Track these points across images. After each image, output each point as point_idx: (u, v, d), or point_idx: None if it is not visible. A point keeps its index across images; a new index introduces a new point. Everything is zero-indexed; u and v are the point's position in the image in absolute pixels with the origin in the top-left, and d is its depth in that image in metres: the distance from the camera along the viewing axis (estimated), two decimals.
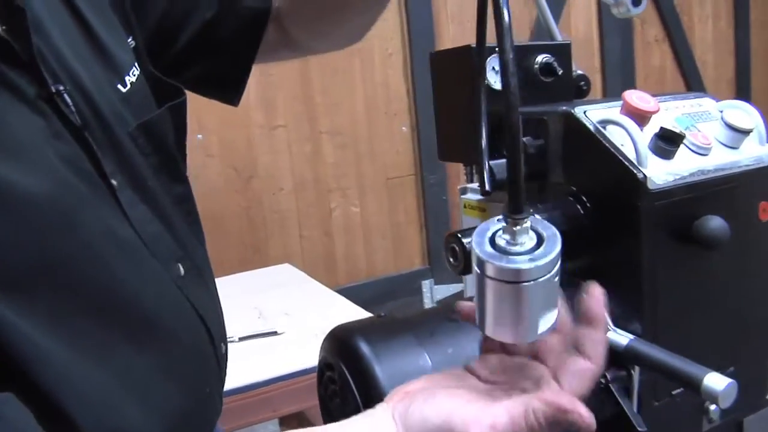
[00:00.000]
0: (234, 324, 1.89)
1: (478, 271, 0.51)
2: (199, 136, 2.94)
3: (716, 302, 0.77)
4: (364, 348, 0.68)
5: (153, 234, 0.75)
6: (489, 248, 0.51)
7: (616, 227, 0.73)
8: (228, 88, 0.99)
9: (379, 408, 0.57)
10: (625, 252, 0.72)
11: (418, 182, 3.29)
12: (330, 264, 3.25)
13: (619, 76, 3.61)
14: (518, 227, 0.51)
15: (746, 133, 0.78)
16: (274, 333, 1.81)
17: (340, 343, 0.71)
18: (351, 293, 2.82)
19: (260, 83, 2.99)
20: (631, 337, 0.70)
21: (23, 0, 0.64)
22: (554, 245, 0.51)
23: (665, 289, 0.72)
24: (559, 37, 1.00)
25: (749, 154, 0.78)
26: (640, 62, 3.82)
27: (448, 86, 0.92)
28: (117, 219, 0.71)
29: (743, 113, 0.80)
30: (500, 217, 0.52)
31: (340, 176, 3.20)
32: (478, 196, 0.97)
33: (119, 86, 0.77)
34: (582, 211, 0.75)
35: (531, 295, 0.50)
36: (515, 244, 0.50)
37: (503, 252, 0.50)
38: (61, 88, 0.67)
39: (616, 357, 0.71)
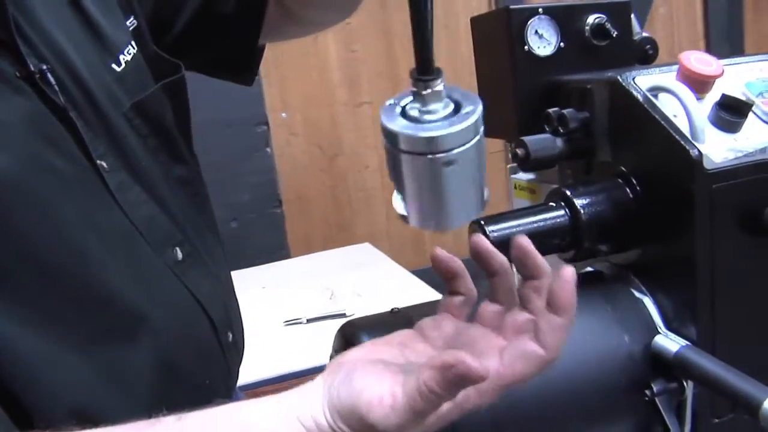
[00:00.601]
0: (304, 305, 1.85)
1: (391, 146, 0.44)
2: (284, 114, 2.91)
3: None
4: None
5: (145, 217, 0.71)
6: (400, 119, 0.44)
7: (668, 214, 0.62)
8: (237, 69, 0.94)
9: (316, 379, 0.51)
10: (678, 243, 0.62)
11: (508, 158, 3.17)
12: (417, 243, 3.18)
13: (725, 44, 3.34)
14: (429, 91, 0.43)
15: None
16: (343, 315, 1.76)
17: (346, 342, 0.64)
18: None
19: (344, 60, 2.93)
20: (684, 343, 0.60)
21: None
22: (473, 110, 0.44)
23: (726, 288, 0.61)
24: None
25: None
26: (750, 27, 3.52)
27: (486, 53, 0.82)
28: (103, 202, 0.67)
29: None
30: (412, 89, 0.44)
31: None
32: (529, 176, 0.87)
33: (113, 66, 0.74)
34: (631, 195, 0.65)
35: (451, 169, 0.43)
36: (428, 112, 0.43)
37: (415, 121, 0.44)
38: (45, 67, 0.64)
39: (665, 366, 0.61)
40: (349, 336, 0.64)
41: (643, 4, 3.11)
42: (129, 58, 0.75)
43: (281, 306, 1.87)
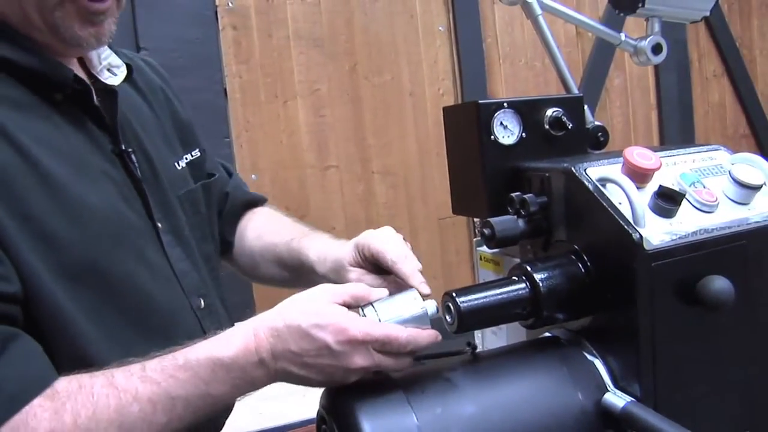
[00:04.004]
0: None
1: None
2: (254, 176, 2.98)
3: (725, 366, 0.74)
4: (352, 406, 0.68)
5: (183, 270, 0.95)
6: None
7: (614, 288, 0.72)
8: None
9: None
10: (623, 313, 0.71)
11: (470, 222, 3.27)
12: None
13: (676, 113, 3.53)
14: None
15: (756, 188, 0.76)
16: None
17: (332, 398, 0.72)
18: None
19: (312, 125, 3.03)
20: (629, 399, 0.69)
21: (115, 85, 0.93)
22: None
23: (665, 352, 0.70)
24: (575, 90, 1.00)
25: (760, 211, 0.76)
26: (698, 98, 3.73)
27: (456, 140, 0.92)
28: (157, 251, 0.92)
29: (753, 168, 0.78)
30: None
31: (391, 216, 3.20)
32: (494, 249, 0.96)
33: (175, 164, 1.05)
34: (583, 270, 0.75)
35: None
36: None
37: None
38: (131, 149, 0.93)
39: (614, 420, 0.70)
40: (335, 393, 0.72)
41: (595, 87, 3.29)
42: (184, 164, 1.07)
43: None
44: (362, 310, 0.75)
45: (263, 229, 1.19)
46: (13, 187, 0.76)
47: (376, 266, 0.91)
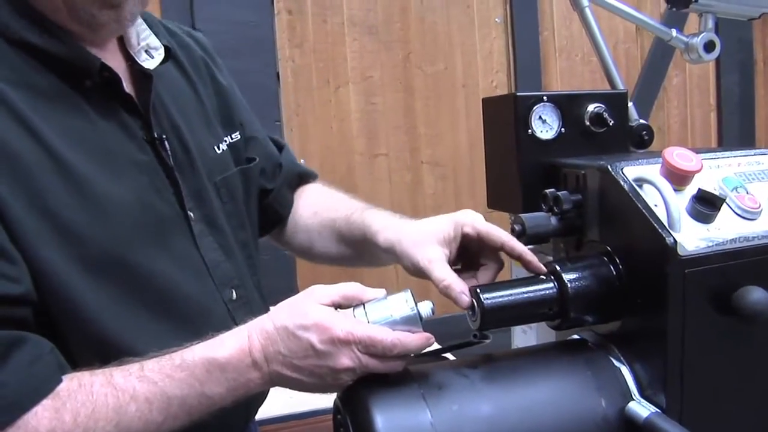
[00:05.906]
0: None
1: None
2: (302, 161, 2.99)
3: (757, 381, 0.71)
4: (366, 399, 0.67)
5: (214, 260, 0.92)
6: None
7: (645, 293, 0.69)
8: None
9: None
10: (653, 319, 0.68)
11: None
12: (425, 294, 3.22)
13: (737, 116, 3.43)
14: None
15: None
16: None
17: (348, 390, 0.71)
18: (447, 324, 2.78)
19: (363, 112, 3.02)
20: (653, 410, 0.67)
21: (151, 70, 0.89)
22: None
23: (695, 363, 0.67)
24: (620, 85, 0.96)
25: None
26: (761, 101, 3.61)
27: (494, 133, 0.90)
28: (186, 242, 0.89)
29: None
30: None
31: (438, 207, 3.17)
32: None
33: (214, 148, 1.00)
34: (614, 273, 0.72)
35: None
36: None
37: None
38: (164, 136, 0.89)
39: (637, 430, 0.67)
40: (350, 385, 0.71)
41: (653, 86, 3.20)
42: (225, 147, 1.02)
43: None
44: (353, 311, 0.74)
45: (319, 206, 1.15)
46: (33, 182, 0.75)
47: (463, 251, 0.87)
